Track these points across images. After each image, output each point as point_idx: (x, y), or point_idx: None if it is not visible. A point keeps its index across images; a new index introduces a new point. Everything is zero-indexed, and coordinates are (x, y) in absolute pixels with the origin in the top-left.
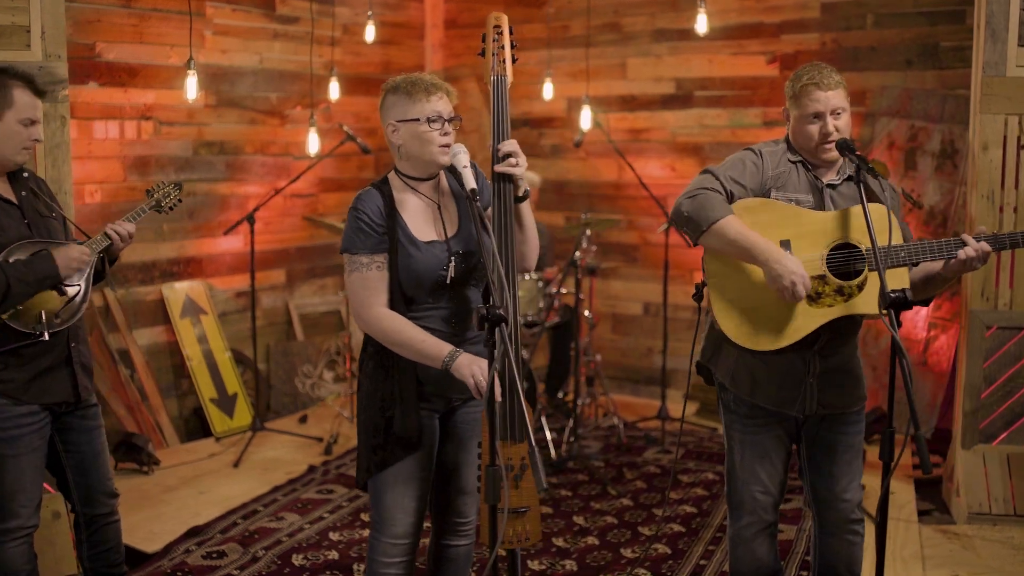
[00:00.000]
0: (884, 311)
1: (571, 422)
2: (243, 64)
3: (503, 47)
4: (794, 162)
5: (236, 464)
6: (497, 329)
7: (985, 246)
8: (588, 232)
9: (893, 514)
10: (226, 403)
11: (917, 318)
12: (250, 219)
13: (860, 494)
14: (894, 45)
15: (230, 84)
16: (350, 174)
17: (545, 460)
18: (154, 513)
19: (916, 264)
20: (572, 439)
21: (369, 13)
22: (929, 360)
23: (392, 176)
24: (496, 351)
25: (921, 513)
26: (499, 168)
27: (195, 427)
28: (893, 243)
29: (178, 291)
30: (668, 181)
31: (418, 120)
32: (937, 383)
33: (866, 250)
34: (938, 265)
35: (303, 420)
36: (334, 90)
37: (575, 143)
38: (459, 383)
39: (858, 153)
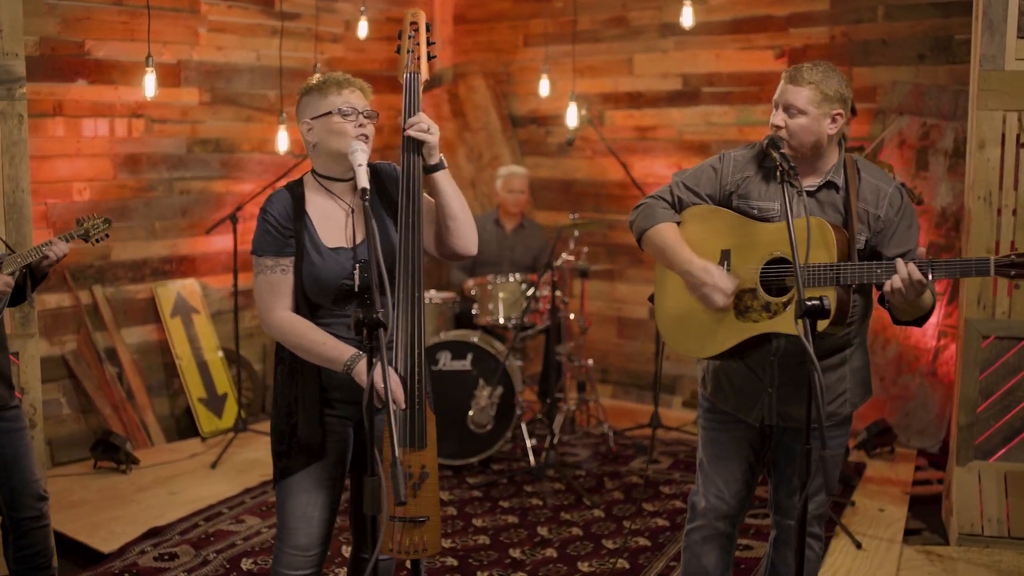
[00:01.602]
0: (798, 319)
1: (553, 428)
2: (240, 61)
3: (419, 44)
4: (765, 169)
5: (214, 465)
6: (375, 334)
7: (915, 272)
8: (576, 233)
9: (878, 533)
10: (215, 403)
11: (927, 326)
12: (232, 218)
13: (822, 508)
14: (906, 38)
15: (226, 81)
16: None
17: (524, 468)
18: (120, 513)
19: (848, 286)
20: (549, 447)
21: (363, 8)
22: (939, 370)
23: (307, 177)
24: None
25: (911, 532)
26: (409, 132)
27: (187, 426)
28: (841, 260)
29: (170, 290)
30: None
31: (330, 113)
32: (946, 394)
33: (800, 266)
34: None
35: None
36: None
37: (567, 141)
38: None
39: (782, 151)
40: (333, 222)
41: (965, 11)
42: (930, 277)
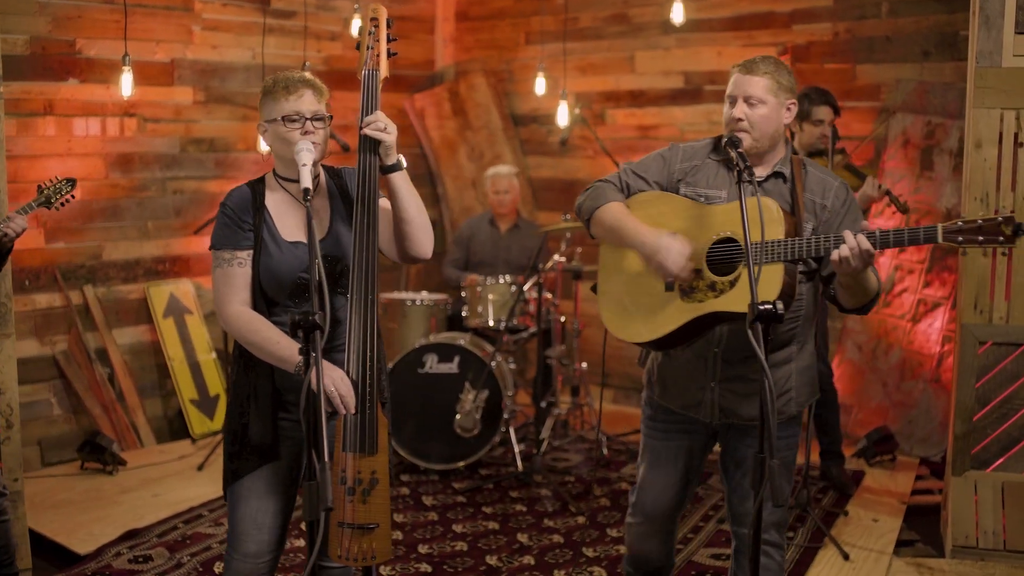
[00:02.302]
0: (750, 325)
1: (543, 433)
2: (235, 60)
3: (379, 40)
4: (716, 160)
5: (200, 467)
6: (311, 337)
7: (864, 241)
8: (569, 234)
9: (868, 544)
10: (207, 405)
11: (931, 331)
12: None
13: (778, 514)
14: (910, 35)
15: (220, 80)
16: None
17: (512, 473)
18: (101, 514)
19: (794, 261)
20: (535, 452)
21: (356, 6)
22: (942, 377)
23: (269, 176)
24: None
25: (905, 544)
26: (365, 131)
27: (179, 428)
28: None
29: (163, 290)
30: None
31: (277, 120)
32: (950, 402)
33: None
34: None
35: None
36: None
37: (560, 141)
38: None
39: (740, 151)
40: (292, 218)
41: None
42: (878, 245)
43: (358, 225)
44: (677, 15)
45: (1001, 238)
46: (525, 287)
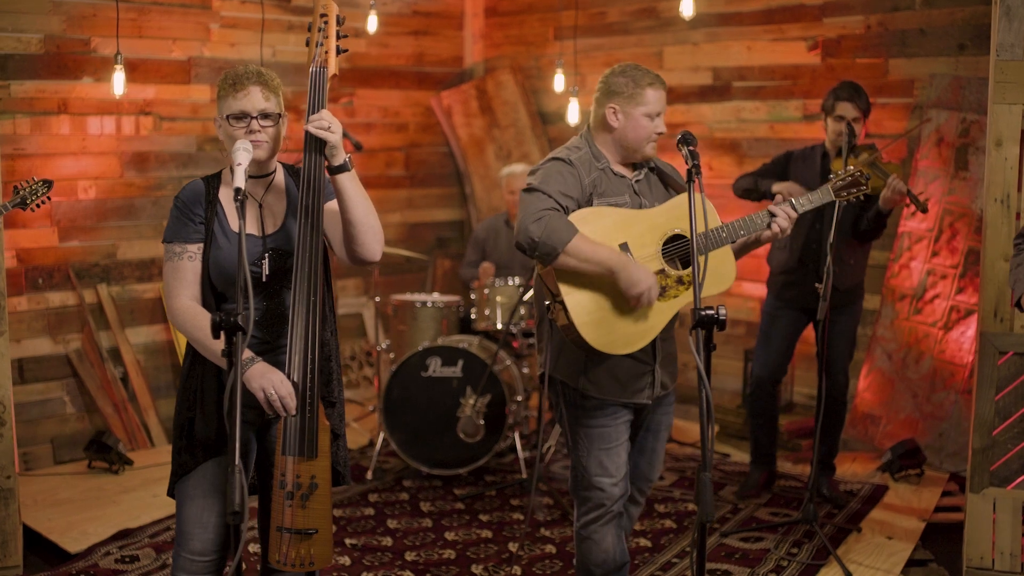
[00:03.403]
0: (691, 331)
1: (549, 439)
2: (253, 57)
3: (328, 37)
4: (601, 168)
5: None
6: (233, 338)
7: (790, 211)
8: None
9: (876, 563)
10: None
11: (963, 339)
12: None
13: (654, 473)
14: (945, 27)
15: None
16: (377, 171)
17: (516, 480)
18: (98, 513)
19: (734, 241)
20: (539, 460)
21: (372, 2)
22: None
23: (225, 171)
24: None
25: (917, 564)
26: (308, 127)
27: None
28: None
29: None
30: (706, 181)
31: (224, 117)
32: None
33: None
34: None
35: None
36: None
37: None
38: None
39: (692, 149)
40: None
41: None
42: (797, 210)
43: (302, 227)
44: (687, 9)
45: (862, 182)
46: (527, 288)
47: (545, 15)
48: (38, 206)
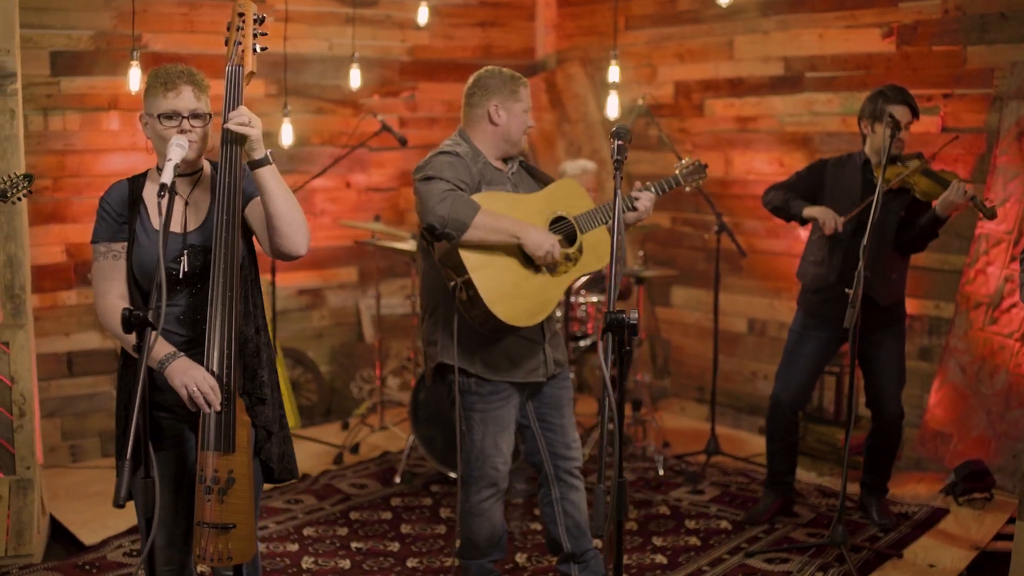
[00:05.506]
0: (602, 336)
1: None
2: (309, 51)
3: (244, 35)
4: (482, 162)
5: None
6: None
7: (650, 196)
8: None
9: None
10: None
11: None
12: None
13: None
14: None
15: (294, 73)
16: None
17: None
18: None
19: (606, 222)
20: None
21: None
22: None
23: (152, 170)
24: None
25: None
26: (227, 125)
27: None
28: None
29: None
30: (776, 178)
31: (153, 116)
32: None
33: (574, 218)
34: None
35: (345, 427)
36: (355, 78)
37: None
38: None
39: (621, 143)
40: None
41: None
42: (654, 191)
43: (219, 223)
44: None
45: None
46: (583, 291)
47: (617, 4)
48: (18, 200)
